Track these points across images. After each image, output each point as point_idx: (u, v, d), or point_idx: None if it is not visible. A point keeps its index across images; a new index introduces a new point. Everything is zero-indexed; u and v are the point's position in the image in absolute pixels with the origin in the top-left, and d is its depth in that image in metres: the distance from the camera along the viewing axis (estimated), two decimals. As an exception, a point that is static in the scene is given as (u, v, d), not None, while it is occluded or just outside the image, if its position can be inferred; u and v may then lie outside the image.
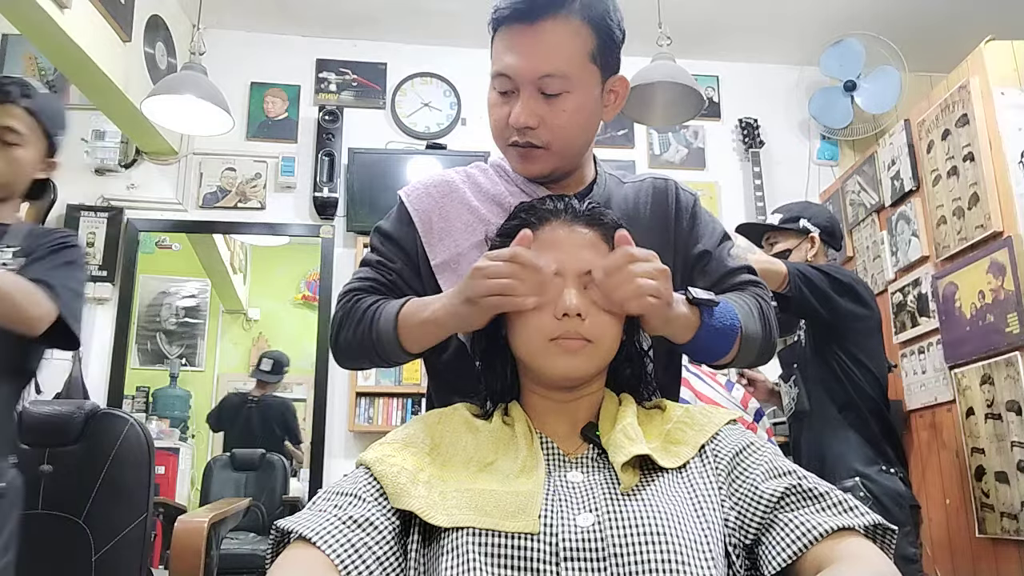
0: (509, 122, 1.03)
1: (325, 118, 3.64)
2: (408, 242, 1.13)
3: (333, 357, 1.17)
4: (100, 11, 2.83)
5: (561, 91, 1.01)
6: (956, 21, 3.52)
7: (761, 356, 1.10)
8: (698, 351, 1.03)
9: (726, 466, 0.84)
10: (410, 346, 1.03)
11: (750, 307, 1.08)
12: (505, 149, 1.09)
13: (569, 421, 0.92)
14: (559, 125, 1.03)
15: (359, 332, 1.06)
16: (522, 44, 1.01)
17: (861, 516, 0.76)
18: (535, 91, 1.01)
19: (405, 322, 1.02)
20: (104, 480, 1.69)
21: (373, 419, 3.44)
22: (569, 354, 0.88)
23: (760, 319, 1.08)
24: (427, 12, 3.62)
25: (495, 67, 1.05)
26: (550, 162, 1.06)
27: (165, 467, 3.89)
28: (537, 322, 0.89)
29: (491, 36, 1.07)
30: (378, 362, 1.10)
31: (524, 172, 1.09)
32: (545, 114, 1.02)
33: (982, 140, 2.58)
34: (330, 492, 0.81)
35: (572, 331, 0.87)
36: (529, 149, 1.04)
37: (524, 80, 1.01)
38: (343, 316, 1.10)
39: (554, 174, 1.09)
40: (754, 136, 3.83)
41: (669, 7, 3.00)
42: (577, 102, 1.03)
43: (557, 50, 1.00)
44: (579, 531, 0.76)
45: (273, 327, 5.34)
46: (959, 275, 2.68)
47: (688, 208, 1.15)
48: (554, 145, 1.04)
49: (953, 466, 2.74)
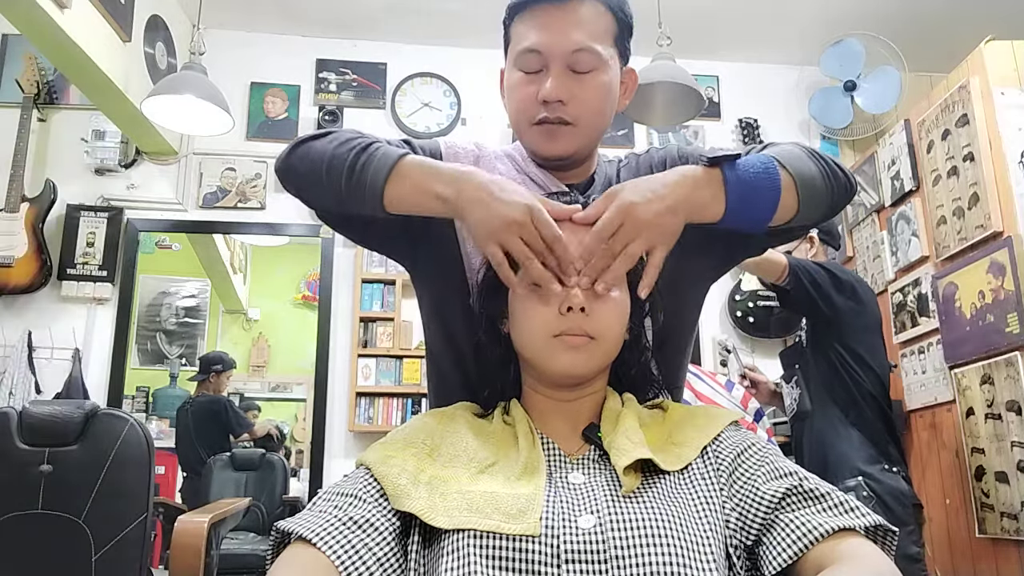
0: (540, 97, 1.01)
1: (325, 118, 3.64)
2: None
3: (281, 160, 1.01)
4: (100, 11, 2.83)
5: (591, 68, 1.01)
6: (956, 21, 3.52)
7: (837, 191, 1.00)
8: (744, 215, 0.92)
9: (727, 467, 0.84)
10: (391, 201, 0.93)
11: (787, 148, 0.99)
12: (528, 129, 1.05)
13: (570, 421, 0.91)
14: (588, 99, 1.02)
15: (340, 150, 0.95)
16: (553, 21, 1.01)
17: (862, 517, 0.76)
18: (565, 67, 1.01)
19: (406, 174, 0.93)
20: (104, 480, 1.69)
21: (373, 419, 3.44)
22: (572, 350, 0.87)
23: (809, 156, 0.99)
24: (427, 12, 3.62)
25: (523, 45, 1.03)
26: (575, 141, 1.04)
27: (165, 467, 3.89)
28: (540, 318, 0.88)
29: (507, 23, 1.06)
30: (333, 198, 0.97)
31: (548, 151, 1.06)
32: (575, 89, 1.01)
33: (982, 140, 2.58)
34: (330, 493, 0.81)
35: (575, 327, 0.87)
36: (557, 126, 1.02)
37: (556, 55, 1.00)
38: (325, 134, 1.00)
39: (576, 155, 1.07)
40: (754, 136, 3.83)
41: (669, 7, 3.00)
42: (605, 81, 1.03)
43: (590, 26, 1.01)
44: (581, 533, 0.75)
45: (273, 327, 5.34)
46: (959, 275, 2.68)
47: (673, 156, 1.12)
48: (581, 121, 1.03)
49: (953, 466, 2.74)
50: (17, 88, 3.49)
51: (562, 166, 1.09)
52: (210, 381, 4.21)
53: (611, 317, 0.89)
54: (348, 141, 0.97)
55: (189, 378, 4.33)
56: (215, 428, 4.15)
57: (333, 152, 0.96)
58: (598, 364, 0.90)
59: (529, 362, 0.92)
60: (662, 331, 1.02)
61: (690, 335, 1.14)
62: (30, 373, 3.25)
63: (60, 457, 1.70)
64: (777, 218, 0.95)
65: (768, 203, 0.93)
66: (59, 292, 3.39)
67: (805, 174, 0.95)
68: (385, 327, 3.57)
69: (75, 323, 3.38)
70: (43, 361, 3.30)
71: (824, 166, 0.99)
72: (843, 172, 1.02)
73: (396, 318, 3.56)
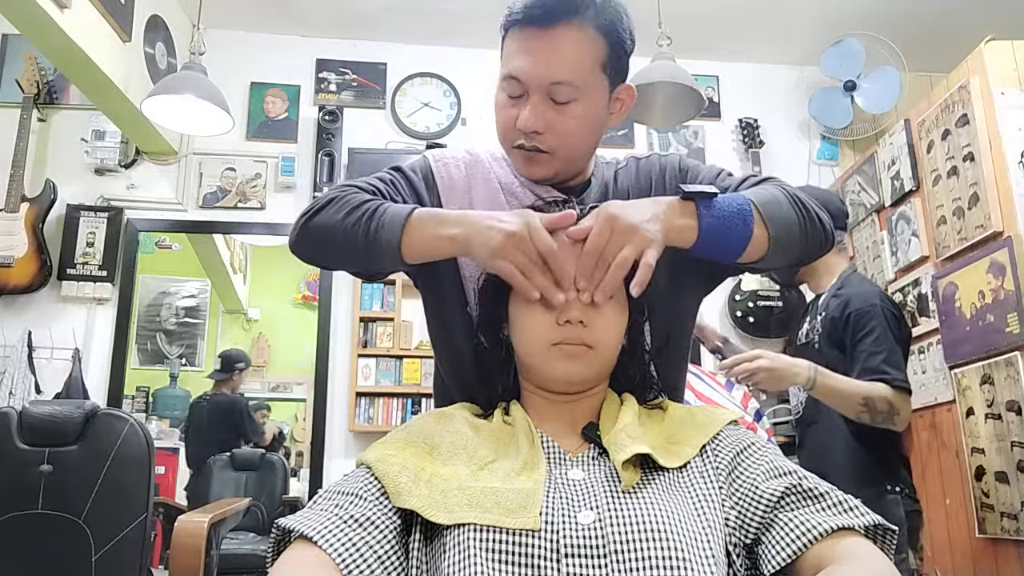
0: (517, 125, 1.03)
1: (325, 118, 3.64)
2: (423, 198, 1.11)
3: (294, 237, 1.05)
4: (100, 11, 2.83)
5: (570, 99, 1.02)
6: (956, 21, 3.52)
7: (811, 241, 1.03)
8: (714, 250, 0.97)
9: (726, 466, 0.85)
10: (409, 252, 0.97)
11: (769, 192, 1.02)
12: (510, 151, 1.09)
13: (569, 421, 0.92)
14: (565, 131, 1.04)
15: (349, 219, 0.99)
16: (535, 49, 1.01)
17: (861, 516, 0.77)
18: (545, 97, 1.02)
19: (417, 227, 0.97)
20: (104, 480, 1.69)
21: (373, 419, 3.44)
22: (570, 359, 0.89)
23: (789, 201, 1.01)
24: (427, 12, 3.62)
25: (505, 69, 1.05)
26: (553, 166, 1.07)
27: (165, 467, 3.88)
28: (540, 326, 0.90)
29: (502, 36, 1.07)
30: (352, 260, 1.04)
31: (528, 174, 1.09)
32: (553, 120, 1.03)
33: (982, 140, 2.58)
34: (331, 491, 0.82)
35: (574, 337, 0.89)
36: (534, 153, 1.05)
37: (534, 85, 1.02)
38: (334, 198, 1.03)
39: (556, 177, 1.10)
40: (754, 136, 3.83)
41: (669, 7, 3.00)
42: (585, 110, 1.04)
43: (569, 58, 1.01)
44: (580, 528, 0.76)
45: (273, 327, 5.33)
46: (959, 275, 2.68)
47: (674, 167, 1.15)
48: (559, 151, 1.05)
49: (953, 466, 2.74)
50: (17, 88, 3.49)
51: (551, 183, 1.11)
52: (232, 379, 4.19)
53: (608, 327, 0.91)
54: (354, 210, 0.99)
55: (208, 375, 4.29)
56: (228, 429, 4.14)
57: (343, 223, 0.99)
58: (595, 372, 0.92)
59: (528, 367, 0.94)
60: (659, 338, 1.05)
61: (687, 342, 1.18)
62: (30, 373, 3.25)
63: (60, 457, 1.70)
64: (746, 256, 0.98)
65: (738, 243, 0.96)
66: (59, 292, 3.39)
67: (779, 221, 0.98)
68: (385, 327, 3.57)
69: (75, 323, 3.38)
70: (43, 361, 3.30)
71: (803, 214, 1.02)
72: (822, 223, 1.04)
73: (396, 318, 3.56)
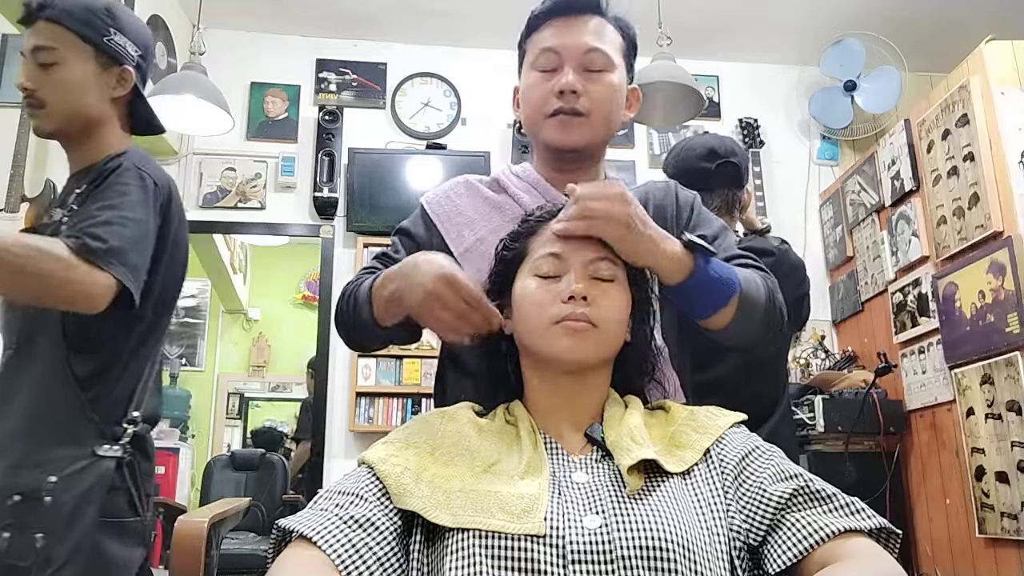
0: (556, 88, 1.11)
1: (325, 118, 3.64)
2: (424, 241, 1.18)
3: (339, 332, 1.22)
4: (100, 11, 2.83)
5: (603, 68, 1.13)
6: (956, 21, 3.52)
7: (766, 328, 1.08)
8: (691, 298, 1.02)
9: (732, 470, 0.84)
10: (381, 321, 1.06)
11: (754, 277, 1.08)
12: (544, 123, 1.14)
13: (573, 420, 0.91)
14: (601, 95, 1.12)
15: (348, 312, 1.12)
16: (569, 27, 1.13)
17: (868, 519, 0.77)
18: (579, 65, 1.12)
19: (375, 297, 1.06)
20: (104, 480, 1.68)
21: (373, 419, 3.43)
22: (573, 335, 0.88)
23: (764, 290, 1.08)
24: (427, 12, 3.62)
25: (540, 46, 1.14)
26: (587, 133, 1.13)
27: (165, 467, 3.89)
28: (543, 305, 0.90)
29: (523, 39, 1.18)
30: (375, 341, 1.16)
31: (562, 141, 1.13)
32: (588, 85, 1.12)
33: (982, 140, 2.58)
34: (331, 491, 0.81)
35: (577, 312, 0.88)
36: (571, 117, 1.11)
37: (571, 53, 1.12)
38: (339, 300, 1.17)
39: (588, 147, 1.15)
40: (754, 136, 3.83)
41: (669, 7, 3.00)
42: (615, 81, 1.14)
43: (602, 33, 1.14)
44: (587, 533, 0.75)
45: (273, 327, 5.35)
46: (959, 275, 2.68)
47: (688, 203, 1.21)
48: (593, 113, 1.12)
49: (953, 466, 2.74)
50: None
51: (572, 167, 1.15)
52: None
53: (612, 306, 0.91)
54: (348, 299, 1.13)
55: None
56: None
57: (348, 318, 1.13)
58: (598, 352, 0.91)
59: (531, 350, 0.93)
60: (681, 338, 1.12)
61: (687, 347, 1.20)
62: (30, 373, 3.24)
63: (60, 457, 1.69)
64: (710, 321, 1.04)
65: (714, 302, 1.02)
66: (59, 292, 3.39)
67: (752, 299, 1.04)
68: (385, 327, 3.57)
69: (75, 323, 3.38)
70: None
71: (770, 306, 1.08)
72: (782, 317, 1.11)
73: (396, 318, 3.56)
